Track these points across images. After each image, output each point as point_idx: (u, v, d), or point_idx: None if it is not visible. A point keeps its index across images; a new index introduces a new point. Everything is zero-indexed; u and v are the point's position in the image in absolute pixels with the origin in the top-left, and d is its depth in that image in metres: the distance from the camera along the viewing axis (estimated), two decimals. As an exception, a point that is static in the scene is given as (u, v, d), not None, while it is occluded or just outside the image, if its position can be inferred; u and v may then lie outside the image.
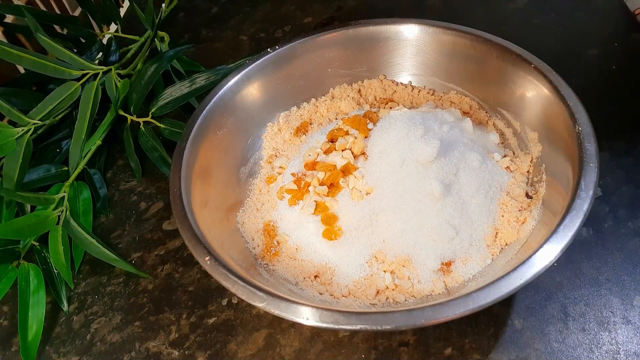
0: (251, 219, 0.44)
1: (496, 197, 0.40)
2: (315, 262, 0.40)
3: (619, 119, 0.49)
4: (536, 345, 0.36)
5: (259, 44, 0.69)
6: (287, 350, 0.39)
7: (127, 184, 0.55)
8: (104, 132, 0.54)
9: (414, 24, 0.48)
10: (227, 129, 0.46)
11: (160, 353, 0.41)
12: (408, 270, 0.38)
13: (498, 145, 0.46)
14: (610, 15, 0.59)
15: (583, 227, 0.32)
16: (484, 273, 0.38)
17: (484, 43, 0.45)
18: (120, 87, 0.56)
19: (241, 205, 0.45)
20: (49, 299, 0.45)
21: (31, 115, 0.52)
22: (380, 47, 0.50)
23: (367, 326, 0.29)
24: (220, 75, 0.56)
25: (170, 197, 0.39)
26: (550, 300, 0.38)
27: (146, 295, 0.45)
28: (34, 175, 0.52)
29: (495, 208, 0.40)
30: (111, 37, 0.65)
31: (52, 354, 0.42)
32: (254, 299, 0.32)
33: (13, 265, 0.46)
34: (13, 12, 0.60)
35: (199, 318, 0.42)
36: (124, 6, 0.84)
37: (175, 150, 0.42)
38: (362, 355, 0.38)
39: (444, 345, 0.37)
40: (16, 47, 0.53)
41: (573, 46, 0.57)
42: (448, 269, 0.38)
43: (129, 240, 0.49)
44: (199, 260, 0.34)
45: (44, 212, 0.47)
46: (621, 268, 0.39)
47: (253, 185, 0.47)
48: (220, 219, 0.42)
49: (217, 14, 0.76)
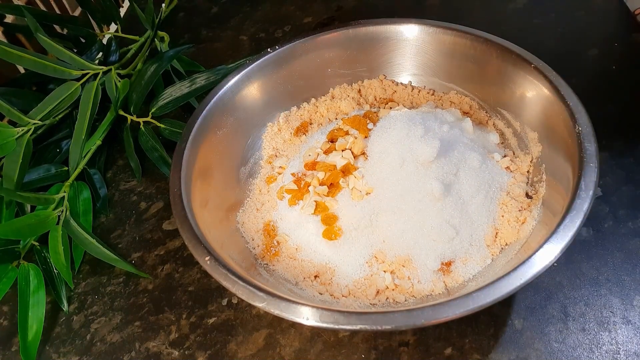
0: (251, 219, 0.44)
1: (496, 197, 0.40)
2: (315, 262, 0.40)
3: (619, 119, 0.49)
4: (536, 345, 0.36)
5: (259, 44, 0.69)
6: (287, 350, 0.39)
7: (127, 184, 0.55)
8: (104, 132, 0.54)
9: (414, 24, 0.48)
10: (227, 129, 0.46)
11: (160, 353, 0.41)
12: (408, 270, 0.38)
13: (498, 145, 0.46)
14: (610, 15, 0.59)
15: (583, 227, 0.32)
16: (484, 273, 0.38)
17: (484, 43, 0.45)
18: (120, 87, 0.56)
19: (241, 205, 0.45)
20: (49, 299, 0.45)
21: (31, 115, 0.52)
22: (380, 47, 0.50)
23: (367, 326, 0.29)
24: (220, 75, 0.56)
25: (170, 197, 0.39)
26: (550, 300, 0.38)
27: (146, 295, 0.45)
28: (34, 175, 0.52)
29: (495, 208, 0.40)
30: (111, 37, 0.65)
31: (52, 354, 0.42)
32: (254, 299, 0.32)
33: (13, 265, 0.46)
34: (13, 12, 0.60)
35: (199, 318, 0.42)
36: (124, 6, 0.84)
37: (175, 150, 0.42)
38: (362, 355, 0.38)
39: (444, 345, 0.37)
40: (16, 47, 0.54)
41: (573, 46, 0.57)
42: (448, 269, 0.38)
43: (129, 240, 0.49)
44: (199, 260, 0.34)
45: (44, 212, 0.47)
46: (621, 268, 0.39)
47: (253, 185, 0.47)
48: (220, 219, 0.42)
49: (217, 14, 0.76)
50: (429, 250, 0.38)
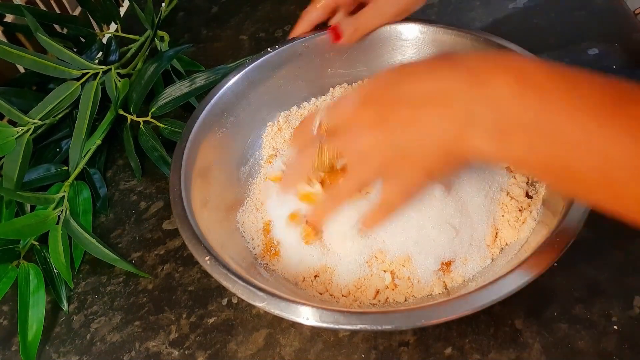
0: (251, 218, 0.44)
1: (496, 197, 0.40)
2: (314, 262, 0.40)
3: (619, 119, 0.49)
4: (536, 345, 0.36)
5: (259, 44, 0.69)
6: (287, 350, 0.39)
7: (127, 183, 0.55)
8: (104, 131, 0.54)
9: (414, 24, 0.48)
10: (227, 129, 0.46)
11: (160, 353, 0.41)
12: (408, 270, 0.38)
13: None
14: (610, 15, 0.59)
15: (583, 227, 0.32)
16: (484, 273, 0.38)
17: (484, 43, 0.45)
18: (120, 86, 0.56)
19: (241, 205, 0.45)
20: (49, 299, 0.45)
21: (31, 115, 0.52)
22: (380, 47, 0.50)
23: (367, 326, 0.29)
24: (220, 75, 0.56)
25: (170, 197, 0.39)
26: (550, 300, 0.38)
27: (146, 295, 0.45)
28: (34, 175, 0.52)
29: (495, 208, 0.40)
30: (111, 37, 0.65)
31: (52, 354, 0.42)
32: (254, 298, 0.32)
33: (13, 265, 0.46)
34: (13, 11, 0.60)
35: (199, 318, 0.42)
36: (123, 6, 0.84)
37: (175, 150, 0.42)
38: (362, 355, 0.38)
39: (444, 345, 0.37)
40: (16, 46, 0.54)
41: (573, 46, 0.57)
42: (448, 269, 0.38)
43: (129, 240, 0.49)
44: (198, 260, 0.34)
45: (44, 211, 0.47)
46: (621, 268, 0.39)
47: (253, 185, 0.47)
48: (220, 219, 0.42)
49: (217, 13, 0.76)
50: (428, 250, 0.38)
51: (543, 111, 0.24)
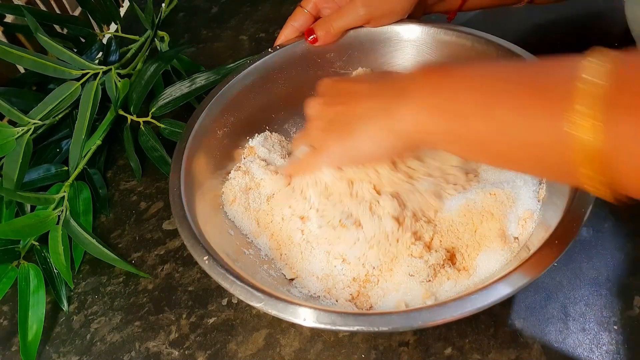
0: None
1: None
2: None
3: (619, 118, 0.49)
4: (536, 345, 0.36)
5: (259, 44, 0.69)
6: (287, 350, 0.39)
7: (127, 183, 0.55)
8: (104, 132, 0.54)
9: (414, 24, 0.48)
10: (227, 129, 0.46)
11: (160, 353, 0.41)
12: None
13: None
14: (610, 15, 0.59)
15: (583, 227, 0.32)
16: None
17: (484, 43, 0.45)
18: (120, 87, 0.56)
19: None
20: (49, 299, 0.45)
21: (31, 115, 0.52)
22: (381, 47, 0.50)
23: (365, 327, 0.29)
24: (220, 75, 0.56)
25: (170, 197, 0.38)
26: (550, 300, 0.38)
27: (146, 295, 0.45)
28: (34, 175, 0.52)
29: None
30: (111, 37, 0.65)
31: (52, 354, 0.42)
32: (251, 299, 0.32)
33: (13, 265, 0.46)
34: (13, 12, 0.60)
35: (199, 318, 0.42)
36: (124, 6, 0.84)
37: (175, 150, 0.42)
38: (362, 355, 0.38)
39: (444, 345, 0.37)
40: (16, 47, 0.54)
41: (573, 46, 0.57)
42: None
43: (129, 240, 0.49)
44: (197, 260, 0.34)
45: (44, 212, 0.47)
46: (621, 268, 0.39)
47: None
48: (220, 219, 0.42)
49: (217, 14, 0.76)
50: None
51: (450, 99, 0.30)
